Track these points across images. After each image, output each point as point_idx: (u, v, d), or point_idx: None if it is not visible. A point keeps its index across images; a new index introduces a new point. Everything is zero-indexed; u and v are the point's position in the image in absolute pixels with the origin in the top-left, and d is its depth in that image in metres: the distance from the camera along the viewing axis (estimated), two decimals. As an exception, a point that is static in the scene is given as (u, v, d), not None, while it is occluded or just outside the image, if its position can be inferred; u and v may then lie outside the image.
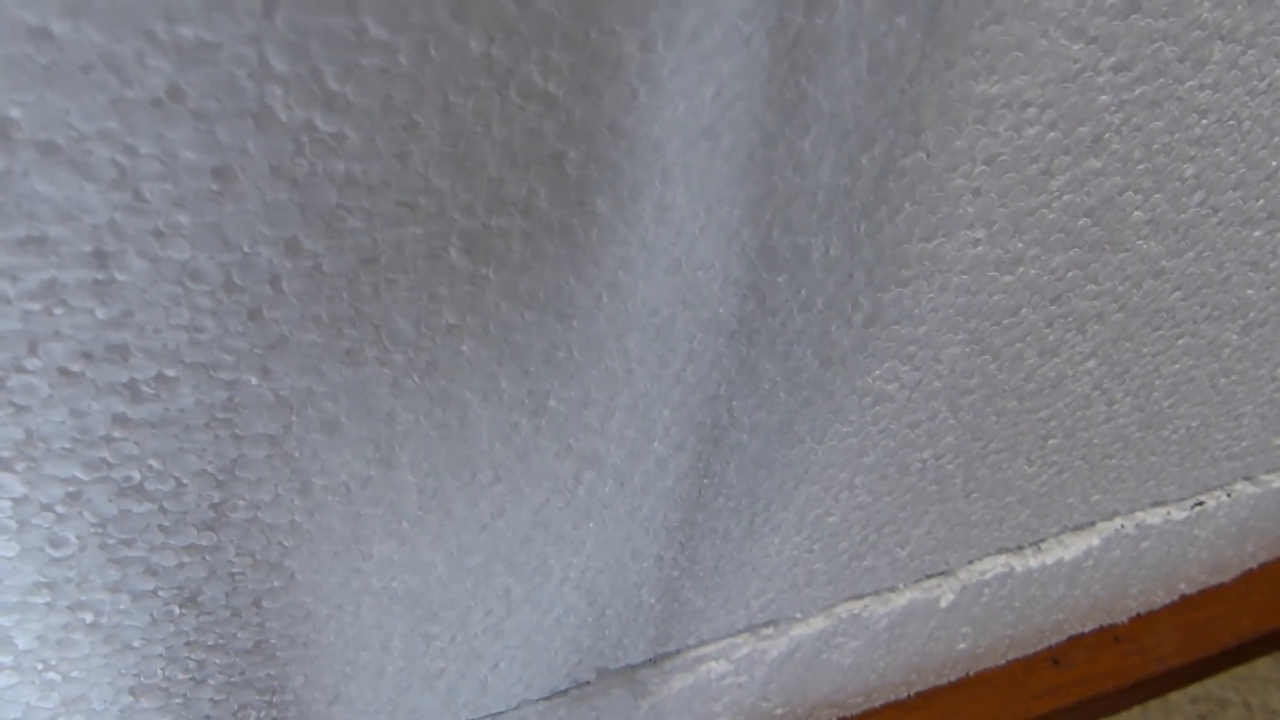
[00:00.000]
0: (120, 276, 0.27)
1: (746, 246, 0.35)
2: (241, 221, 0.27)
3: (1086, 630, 0.75)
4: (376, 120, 0.27)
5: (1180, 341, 0.53)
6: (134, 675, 0.36)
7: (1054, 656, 0.75)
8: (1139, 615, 0.77)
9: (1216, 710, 0.85)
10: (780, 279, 0.37)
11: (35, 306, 0.26)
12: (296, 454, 0.33)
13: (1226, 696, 0.86)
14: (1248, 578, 0.83)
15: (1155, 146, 0.41)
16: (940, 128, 0.35)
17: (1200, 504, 0.67)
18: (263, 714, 0.41)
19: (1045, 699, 0.72)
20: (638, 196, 0.32)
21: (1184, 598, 0.80)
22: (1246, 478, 0.69)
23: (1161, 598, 0.76)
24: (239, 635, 0.37)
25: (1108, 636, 0.77)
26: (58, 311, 0.27)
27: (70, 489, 0.30)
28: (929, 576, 0.59)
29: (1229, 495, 0.68)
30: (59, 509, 0.31)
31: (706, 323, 0.37)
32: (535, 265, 0.32)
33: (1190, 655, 0.77)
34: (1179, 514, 0.66)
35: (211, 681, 0.39)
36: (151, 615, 0.35)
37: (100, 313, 0.27)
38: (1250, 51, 0.40)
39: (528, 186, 0.30)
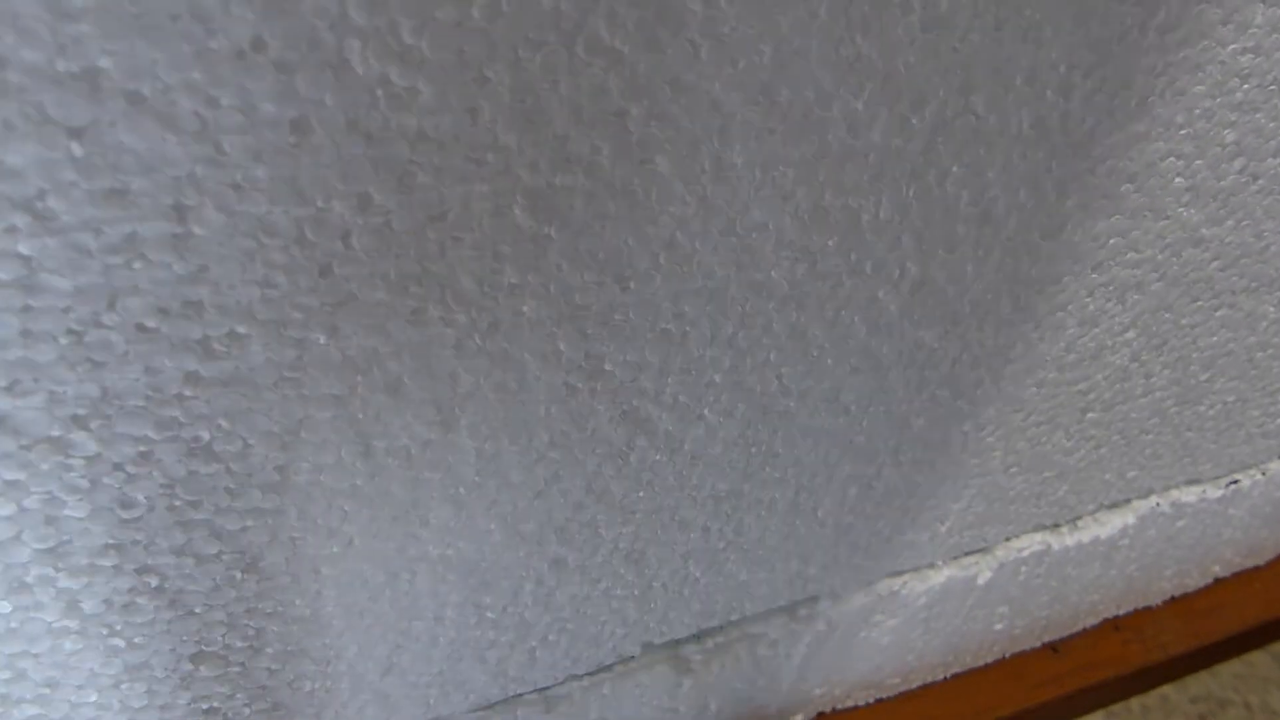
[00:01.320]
0: (198, 230, 0.27)
1: (800, 208, 0.36)
2: (316, 176, 0.27)
3: (1122, 612, 0.74)
4: (449, 75, 0.27)
5: (1218, 313, 0.53)
6: (195, 642, 0.37)
7: (1053, 645, 0.74)
8: (1173, 598, 0.76)
9: (1216, 710, 0.84)
10: (830, 242, 0.37)
11: (116, 260, 0.27)
12: (360, 415, 0.33)
13: (1226, 696, 0.86)
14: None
15: (1197, 111, 0.41)
16: (989, 88, 0.36)
17: (1235, 482, 0.67)
18: (317, 685, 0.41)
19: (1045, 687, 0.71)
20: (696, 155, 0.32)
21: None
22: (1280, 456, 0.69)
23: (1197, 580, 0.76)
24: (297, 603, 0.38)
25: (1108, 624, 0.76)
26: (136, 265, 0.27)
27: (142, 448, 0.31)
28: (967, 554, 0.59)
29: (1264, 474, 0.68)
30: (130, 469, 0.31)
31: (758, 286, 0.37)
32: (596, 225, 0.32)
33: (1192, 644, 0.77)
34: (1214, 492, 0.66)
35: (269, 650, 0.39)
36: (214, 580, 0.35)
37: (178, 267, 0.28)
38: (1291, 14, 0.40)
39: (591, 144, 0.30)
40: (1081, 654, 0.73)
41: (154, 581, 0.34)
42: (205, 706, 0.39)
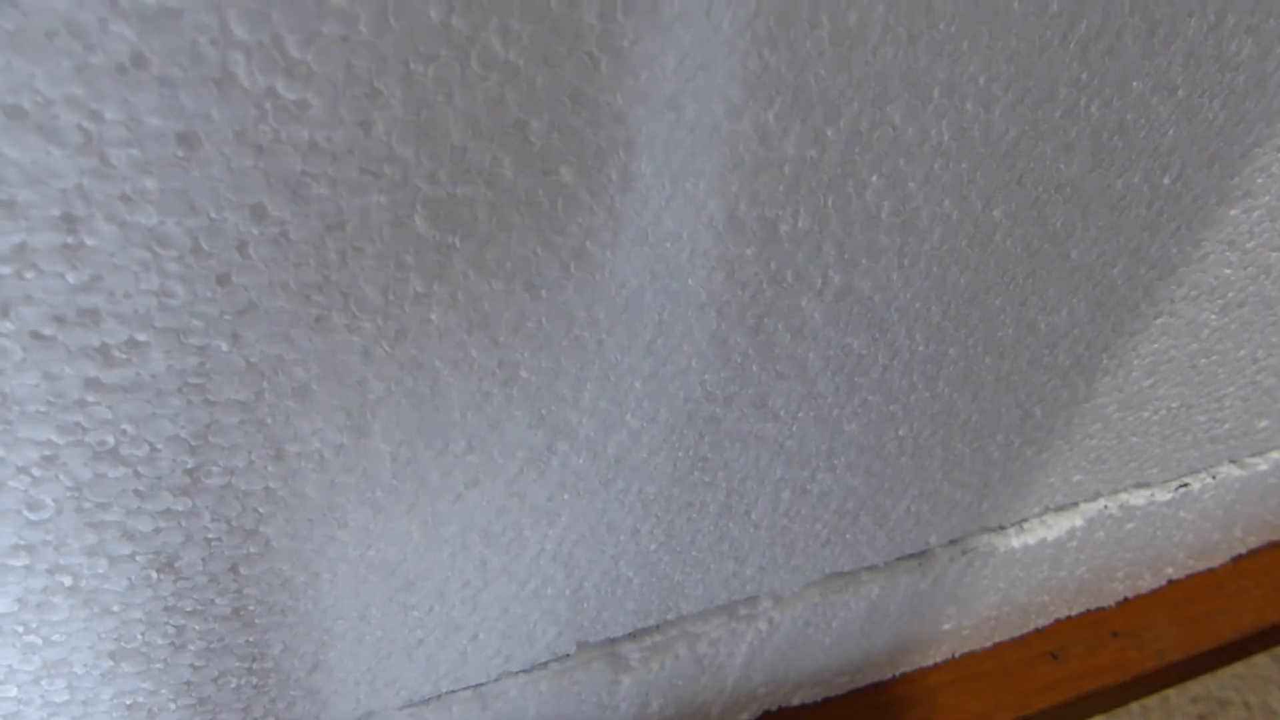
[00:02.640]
0: (89, 241, 0.27)
1: (714, 218, 0.36)
2: (208, 187, 0.28)
3: (1074, 613, 0.75)
4: (339, 88, 0.27)
5: (1158, 321, 0.53)
6: (114, 640, 0.37)
7: (1052, 651, 0.75)
8: (1126, 599, 0.77)
9: (1216, 710, 0.85)
10: (748, 251, 0.37)
11: (6, 270, 0.27)
12: (269, 420, 0.34)
13: (1226, 696, 0.86)
14: (1247, 570, 0.83)
15: (1128, 119, 0.42)
16: (905, 100, 0.36)
17: (1185, 486, 0.67)
18: (243, 681, 0.42)
19: (1044, 694, 0.72)
20: (602, 166, 0.32)
21: (1183, 590, 0.80)
22: (1231, 460, 0.69)
23: (1149, 582, 0.77)
24: (217, 601, 0.38)
25: (1106, 631, 0.77)
26: (29, 275, 0.27)
27: (46, 452, 0.31)
28: (910, 555, 0.59)
29: (1214, 478, 0.69)
30: (35, 472, 0.31)
31: (675, 294, 0.37)
32: (501, 234, 0.33)
33: (1190, 650, 0.78)
34: (1163, 496, 0.67)
35: (191, 648, 0.39)
36: (129, 579, 0.36)
37: (71, 277, 0.28)
38: (1221, 26, 0.40)
39: (491, 155, 0.31)
40: (1080, 661, 0.74)
41: (67, 581, 0.35)
42: (129, 702, 0.40)
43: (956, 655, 0.70)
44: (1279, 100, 0.45)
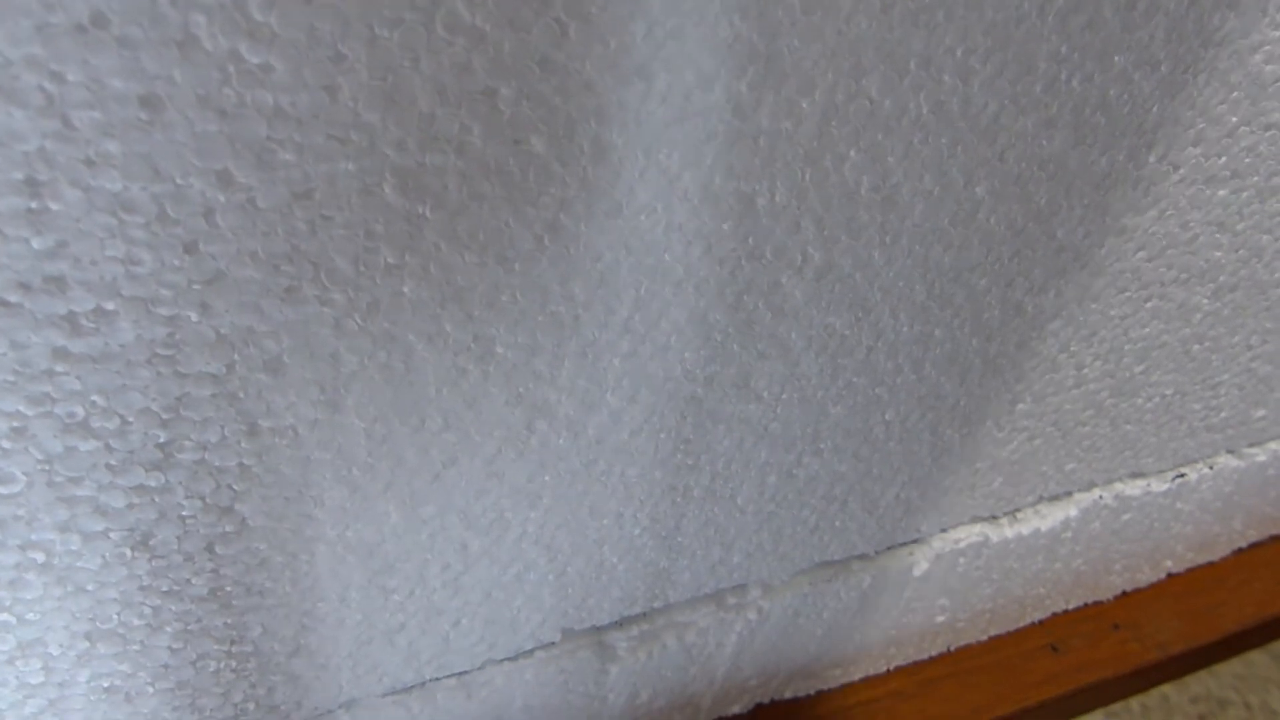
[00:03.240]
0: (53, 205, 0.27)
1: (688, 191, 0.35)
2: (172, 152, 0.28)
3: (1071, 607, 0.74)
4: (302, 51, 0.27)
5: (1148, 305, 0.52)
6: (89, 619, 0.37)
7: (1052, 643, 0.74)
8: (1126, 593, 0.76)
9: (1216, 710, 0.84)
10: (725, 226, 0.37)
11: (-30, 235, 0.27)
12: (241, 394, 0.33)
13: (1226, 696, 0.85)
14: (1249, 564, 0.82)
15: (1110, 95, 0.41)
16: (882, 72, 0.36)
17: (1181, 476, 0.67)
18: (222, 664, 0.41)
19: (1044, 686, 0.72)
20: (573, 136, 0.32)
21: (1183, 584, 0.80)
22: (1229, 450, 0.68)
23: (1148, 575, 0.76)
24: (193, 581, 0.38)
25: (1106, 623, 0.77)
26: (-7, 240, 0.27)
27: (15, 424, 0.31)
28: (901, 544, 0.59)
29: (1211, 468, 0.68)
30: (4, 444, 0.31)
31: (651, 269, 0.37)
32: (472, 205, 0.32)
33: (1191, 642, 0.77)
34: (1159, 486, 0.66)
35: (168, 629, 0.39)
36: (103, 557, 0.35)
37: (35, 242, 0.28)
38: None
39: (460, 123, 0.30)
40: (1080, 653, 0.73)
41: (40, 558, 0.34)
42: (106, 685, 0.39)
43: (952, 648, 0.70)
44: (1264, 78, 0.45)
